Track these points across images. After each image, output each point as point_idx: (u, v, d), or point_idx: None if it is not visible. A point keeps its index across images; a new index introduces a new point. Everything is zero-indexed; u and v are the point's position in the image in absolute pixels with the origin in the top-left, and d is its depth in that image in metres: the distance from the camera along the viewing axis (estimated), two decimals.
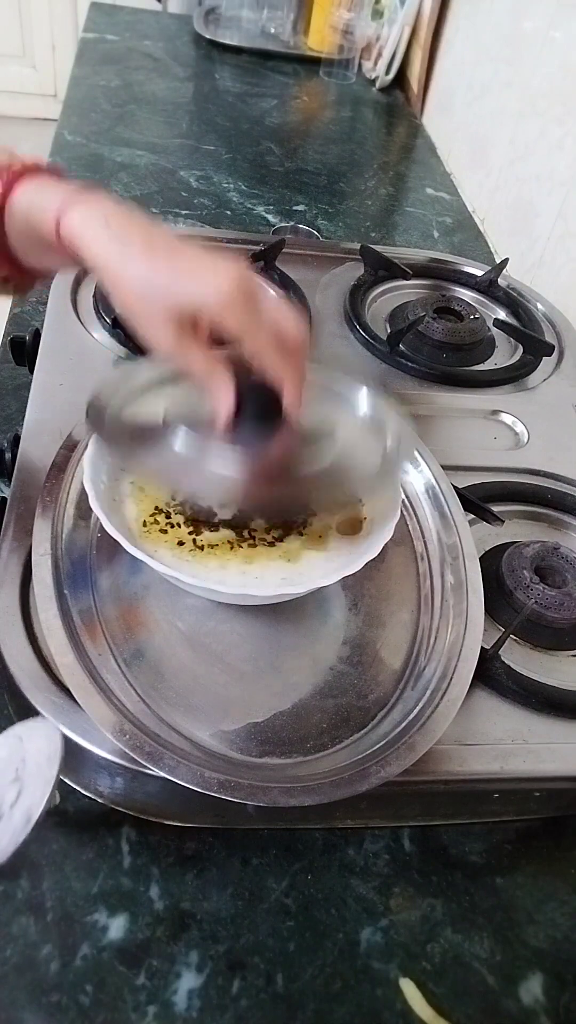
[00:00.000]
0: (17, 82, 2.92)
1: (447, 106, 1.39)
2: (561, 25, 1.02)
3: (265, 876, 0.48)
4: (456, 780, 0.50)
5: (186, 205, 1.08)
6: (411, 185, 1.29)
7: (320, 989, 0.44)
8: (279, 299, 0.48)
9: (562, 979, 0.46)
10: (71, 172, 1.10)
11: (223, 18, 1.67)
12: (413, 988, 0.44)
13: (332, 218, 1.13)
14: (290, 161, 1.25)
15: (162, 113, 1.31)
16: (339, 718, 0.50)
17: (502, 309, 0.94)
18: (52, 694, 0.47)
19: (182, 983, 0.43)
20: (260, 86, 1.48)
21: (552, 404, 0.80)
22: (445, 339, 0.83)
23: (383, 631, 0.55)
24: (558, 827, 0.53)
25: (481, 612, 0.54)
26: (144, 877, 0.47)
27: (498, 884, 0.50)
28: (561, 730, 0.53)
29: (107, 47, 1.49)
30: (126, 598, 0.54)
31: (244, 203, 1.12)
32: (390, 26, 1.48)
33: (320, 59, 1.57)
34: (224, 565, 0.52)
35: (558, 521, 0.69)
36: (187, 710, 0.49)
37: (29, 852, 0.46)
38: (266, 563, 0.53)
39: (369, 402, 0.58)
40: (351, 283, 0.90)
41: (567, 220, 0.97)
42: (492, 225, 1.18)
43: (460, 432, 0.76)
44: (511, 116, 1.14)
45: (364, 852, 0.50)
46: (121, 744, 0.44)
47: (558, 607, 0.58)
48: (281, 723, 0.49)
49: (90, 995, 0.42)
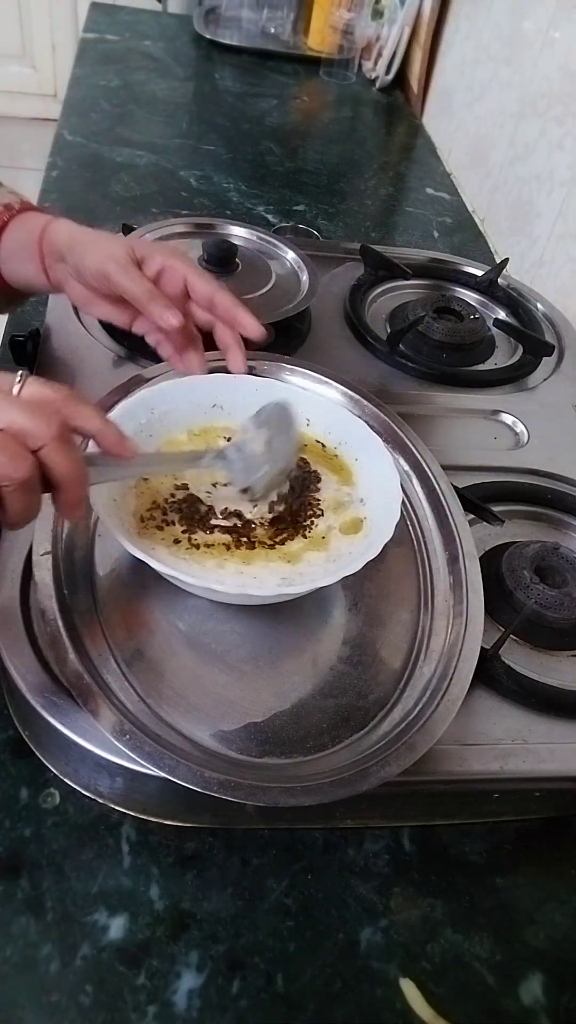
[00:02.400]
0: (17, 82, 2.92)
1: (447, 106, 1.39)
2: (561, 25, 1.02)
3: (265, 876, 0.48)
4: (456, 780, 0.50)
5: (186, 205, 1.08)
6: (411, 185, 1.30)
7: (320, 989, 0.44)
8: (169, 258, 0.60)
9: (562, 979, 0.46)
10: (72, 172, 1.10)
11: (223, 18, 1.66)
12: (413, 988, 0.44)
13: (332, 218, 1.13)
14: (290, 161, 1.25)
15: (162, 113, 1.31)
16: (339, 718, 0.50)
17: (502, 309, 0.94)
18: (52, 694, 0.47)
19: (182, 983, 0.43)
20: (260, 86, 1.48)
21: (552, 404, 0.80)
22: (445, 339, 0.83)
23: (383, 631, 0.55)
24: (558, 827, 0.53)
25: (481, 612, 0.54)
26: (144, 877, 0.47)
27: (498, 884, 0.50)
28: (561, 730, 0.53)
29: (107, 47, 1.49)
30: (126, 598, 0.54)
31: (244, 203, 1.12)
32: (390, 26, 1.48)
33: (320, 59, 1.57)
34: (222, 564, 0.52)
35: (558, 521, 0.69)
36: (187, 710, 0.49)
37: (29, 852, 0.46)
38: (264, 563, 0.53)
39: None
40: (351, 283, 0.90)
41: (567, 220, 0.97)
42: (492, 225, 1.18)
43: (460, 432, 0.76)
44: (511, 116, 1.14)
45: (364, 852, 0.50)
46: (121, 744, 0.44)
47: (558, 607, 0.58)
48: (281, 723, 0.49)
49: (90, 995, 0.42)
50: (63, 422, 0.42)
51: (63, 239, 0.61)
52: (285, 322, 0.77)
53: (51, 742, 0.49)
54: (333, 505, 0.57)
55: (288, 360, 0.67)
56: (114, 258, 0.58)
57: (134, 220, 0.85)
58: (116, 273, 0.57)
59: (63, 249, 0.60)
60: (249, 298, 0.77)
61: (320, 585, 0.50)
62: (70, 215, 0.64)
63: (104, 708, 0.45)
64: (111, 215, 1.01)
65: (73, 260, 0.59)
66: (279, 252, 0.85)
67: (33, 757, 0.50)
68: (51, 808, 0.48)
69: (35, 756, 0.50)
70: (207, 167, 1.18)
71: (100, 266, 0.58)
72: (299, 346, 0.80)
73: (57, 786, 0.49)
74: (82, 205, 1.03)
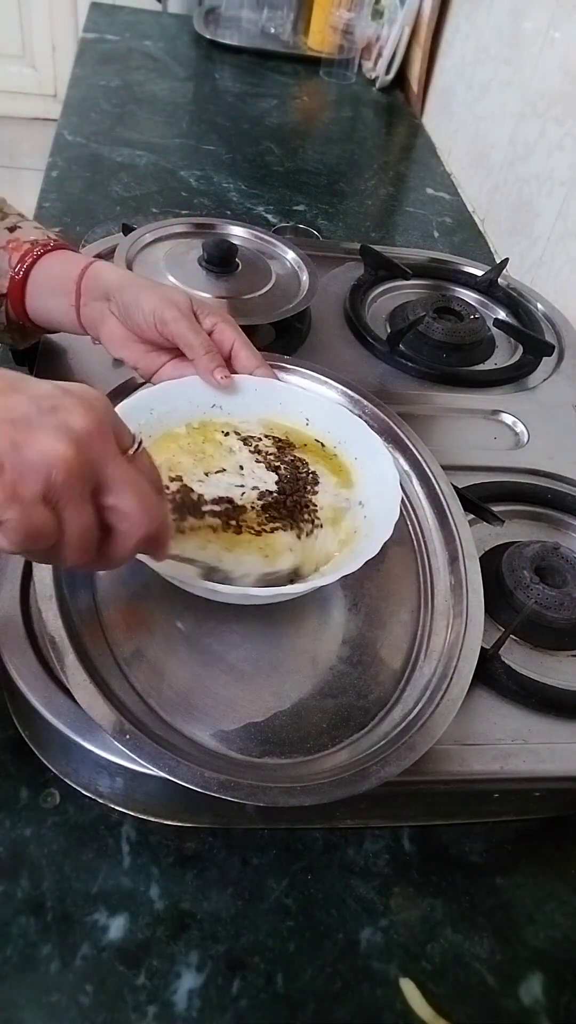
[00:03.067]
0: (17, 82, 2.92)
1: (447, 106, 1.39)
2: (561, 25, 1.02)
3: (265, 876, 0.48)
4: (456, 780, 0.50)
5: (186, 205, 1.08)
6: (411, 185, 1.30)
7: (320, 989, 0.44)
8: (223, 321, 0.61)
9: (562, 979, 0.46)
10: (72, 172, 1.10)
11: (223, 18, 1.67)
12: (413, 988, 0.44)
13: (332, 218, 1.13)
14: (290, 161, 1.26)
15: (162, 113, 1.31)
16: (339, 718, 0.50)
17: (502, 309, 0.94)
18: (52, 694, 0.47)
19: (182, 983, 0.43)
20: (260, 86, 1.48)
21: (552, 404, 0.80)
22: (445, 339, 0.83)
23: (383, 631, 0.55)
24: (558, 827, 0.53)
25: (481, 612, 0.54)
26: (144, 877, 0.47)
27: (498, 884, 0.50)
28: (561, 730, 0.53)
29: (107, 47, 1.49)
30: (126, 598, 0.54)
31: (244, 203, 1.12)
32: (390, 26, 1.48)
33: (320, 59, 1.57)
34: (203, 546, 0.52)
35: (558, 521, 0.69)
36: (187, 710, 0.49)
37: (29, 852, 0.46)
38: (243, 555, 0.52)
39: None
40: (351, 283, 0.90)
41: (567, 220, 0.97)
42: (492, 225, 1.18)
43: (460, 432, 0.76)
44: (511, 116, 1.14)
45: (364, 852, 0.50)
46: (121, 744, 0.44)
47: (558, 607, 0.58)
48: (281, 723, 0.49)
49: (90, 995, 0.42)
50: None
51: (111, 279, 0.60)
52: (285, 322, 0.78)
53: (51, 742, 0.49)
54: (331, 516, 0.57)
55: (288, 360, 0.67)
56: (175, 303, 0.58)
57: (134, 220, 0.85)
58: (175, 320, 0.57)
59: (111, 288, 0.59)
60: (249, 298, 0.77)
61: (320, 585, 0.50)
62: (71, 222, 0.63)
63: (104, 708, 0.45)
64: (111, 215, 1.01)
65: (124, 299, 0.59)
66: (279, 252, 0.85)
67: (33, 757, 0.50)
68: (51, 808, 0.48)
69: (35, 756, 0.50)
70: (207, 167, 1.18)
71: (158, 309, 0.57)
72: (299, 346, 0.80)
73: (57, 786, 0.49)
74: (82, 205, 1.03)
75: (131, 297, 0.58)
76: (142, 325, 0.58)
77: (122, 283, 0.60)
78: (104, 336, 0.61)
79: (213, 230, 0.86)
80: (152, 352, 0.61)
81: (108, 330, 0.61)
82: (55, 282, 0.62)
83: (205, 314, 0.60)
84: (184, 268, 0.78)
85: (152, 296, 0.58)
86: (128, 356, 0.61)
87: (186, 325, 0.57)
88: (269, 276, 0.81)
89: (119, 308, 0.59)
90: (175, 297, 0.59)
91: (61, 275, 0.62)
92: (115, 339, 0.61)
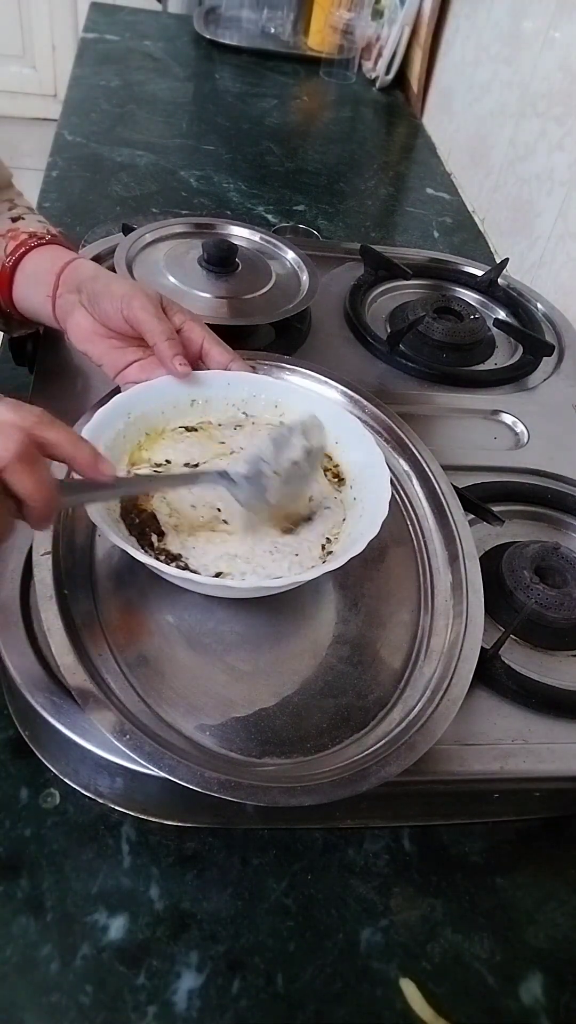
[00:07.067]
0: (17, 82, 2.92)
1: (447, 106, 1.39)
2: (561, 25, 1.02)
3: (265, 876, 0.48)
4: (456, 780, 0.50)
5: (186, 205, 1.08)
6: (411, 185, 1.30)
7: (320, 989, 0.44)
8: (191, 320, 0.61)
9: (562, 979, 0.46)
10: (72, 172, 1.10)
11: (223, 18, 1.66)
12: (413, 988, 0.44)
13: (332, 218, 1.13)
14: (290, 161, 1.25)
15: (162, 113, 1.31)
16: (339, 718, 0.50)
17: (502, 309, 0.94)
18: (52, 694, 0.47)
19: (182, 983, 0.43)
20: (260, 86, 1.48)
21: (552, 404, 0.80)
22: (445, 339, 0.83)
23: (383, 631, 0.55)
24: (558, 827, 0.53)
25: (481, 612, 0.54)
26: (144, 877, 0.47)
27: (498, 884, 0.50)
28: (561, 730, 0.53)
29: (107, 47, 1.49)
30: (126, 598, 0.54)
31: (244, 203, 1.12)
32: (390, 26, 1.48)
33: (320, 59, 1.57)
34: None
35: (558, 521, 0.69)
36: (187, 710, 0.49)
37: (29, 852, 0.46)
38: (205, 546, 0.53)
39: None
40: (351, 283, 0.90)
41: (567, 220, 0.97)
42: (492, 225, 1.18)
43: (460, 432, 0.76)
44: (511, 116, 1.14)
45: (364, 852, 0.50)
46: (121, 744, 0.44)
47: (558, 607, 0.58)
48: (281, 723, 0.49)
49: (90, 995, 0.42)
50: (27, 444, 0.42)
51: (87, 272, 0.61)
52: (285, 322, 0.78)
53: (51, 742, 0.49)
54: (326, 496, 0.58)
55: (288, 360, 0.67)
56: (146, 294, 0.58)
57: (134, 220, 0.85)
58: (143, 307, 0.57)
59: (83, 279, 0.60)
60: (249, 298, 0.77)
61: (302, 580, 0.50)
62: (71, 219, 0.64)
63: (104, 708, 0.45)
64: (111, 215, 1.01)
65: (95, 287, 0.59)
66: (279, 252, 0.85)
67: (33, 757, 0.50)
68: (51, 808, 0.48)
69: (35, 756, 0.50)
70: (207, 167, 1.18)
71: (128, 295, 0.58)
72: (299, 346, 0.80)
73: (57, 786, 0.49)
74: (82, 205, 1.03)
75: (102, 285, 0.59)
76: (109, 312, 0.58)
77: (96, 275, 0.61)
78: (70, 327, 0.62)
79: (213, 230, 0.86)
80: (117, 348, 0.61)
81: (75, 322, 0.61)
82: (40, 274, 0.63)
83: (174, 311, 0.60)
84: (184, 268, 0.78)
85: (123, 285, 0.59)
86: (93, 351, 0.61)
87: (152, 311, 0.58)
88: (269, 276, 0.81)
89: (88, 297, 0.60)
90: (147, 289, 0.59)
91: (47, 268, 0.63)
92: (81, 331, 0.61)
